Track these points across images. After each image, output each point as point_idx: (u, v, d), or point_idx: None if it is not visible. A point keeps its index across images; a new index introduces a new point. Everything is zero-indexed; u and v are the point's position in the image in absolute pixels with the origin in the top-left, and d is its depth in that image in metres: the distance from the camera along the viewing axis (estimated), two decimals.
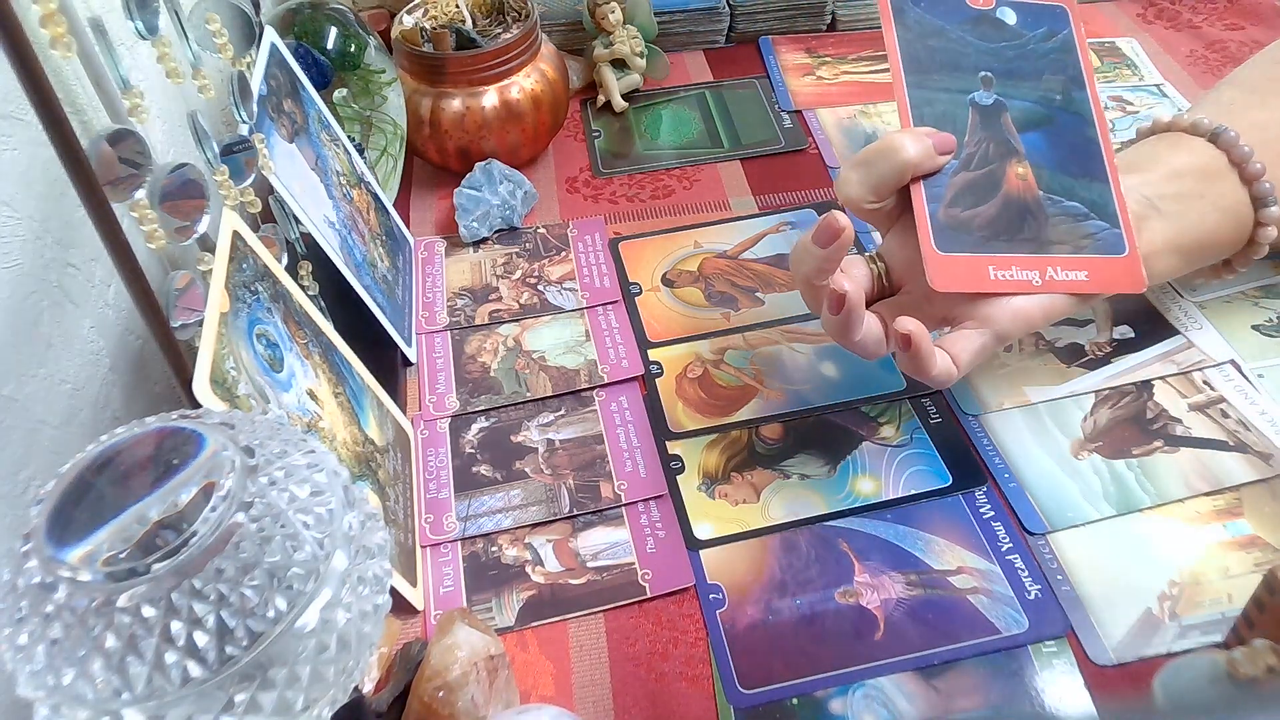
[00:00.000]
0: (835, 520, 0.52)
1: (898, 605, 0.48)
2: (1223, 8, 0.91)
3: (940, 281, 0.46)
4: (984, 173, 0.48)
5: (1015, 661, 0.45)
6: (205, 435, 0.28)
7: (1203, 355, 0.58)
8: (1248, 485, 0.51)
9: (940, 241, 0.47)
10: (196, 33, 0.47)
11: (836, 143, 0.78)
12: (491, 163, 0.71)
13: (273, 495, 0.27)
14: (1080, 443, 0.54)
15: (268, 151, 0.51)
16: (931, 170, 0.48)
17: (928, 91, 0.49)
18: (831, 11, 0.91)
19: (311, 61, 0.65)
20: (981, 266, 0.47)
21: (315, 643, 0.27)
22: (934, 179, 0.48)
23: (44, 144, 0.34)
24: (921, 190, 0.48)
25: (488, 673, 0.42)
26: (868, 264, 0.50)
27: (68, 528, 0.26)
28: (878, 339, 0.47)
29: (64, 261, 0.46)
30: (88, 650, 0.24)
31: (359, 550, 0.29)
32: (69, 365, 0.45)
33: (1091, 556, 0.49)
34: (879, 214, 0.49)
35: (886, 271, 0.50)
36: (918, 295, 0.48)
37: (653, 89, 0.86)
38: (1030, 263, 0.48)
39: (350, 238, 0.59)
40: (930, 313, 0.47)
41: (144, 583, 0.25)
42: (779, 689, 0.45)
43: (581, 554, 0.51)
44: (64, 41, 0.37)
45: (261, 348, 0.44)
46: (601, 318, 0.64)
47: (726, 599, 0.49)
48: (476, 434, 0.58)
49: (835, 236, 0.44)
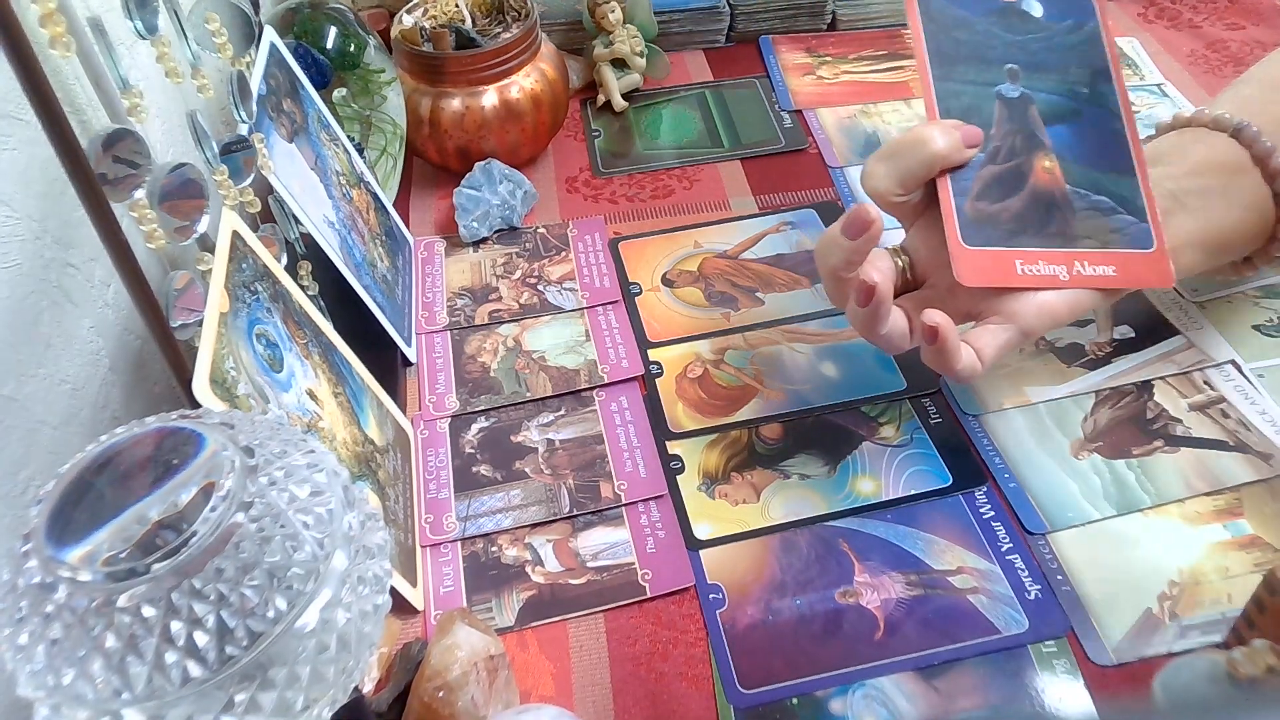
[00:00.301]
0: (835, 520, 0.52)
1: (898, 605, 0.48)
2: (1224, 7, 0.91)
3: (967, 276, 0.46)
4: (1011, 166, 0.48)
5: (1015, 661, 0.45)
6: (205, 435, 0.28)
7: (1203, 355, 0.58)
8: (1248, 485, 0.51)
9: (967, 235, 0.46)
10: (196, 32, 0.47)
11: (837, 142, 0.78)
12: (491, 162, 0.71)
13: (273, 495, 0.27)
14: (1080, 443, 0.54)
15: (267, 151, 0.51)
16: (959, 163, 0.47)
17: (954, 84, 0.49)
18: (832, 11, 0.91)
19: (311, 61, 0.65)
20: (1008, 261, 0.46)
21: (315, 643, 0.26)
22: (960, 172, 0.47)
23: (43, 143, 0.34)
24: (948, 183, 0.47)
25: (488, 673, 0.42)
26: (892, 257, 0.49)
27: (67, 528, 0.26)
28: (902, 332, 0.46)
29: (63, 261, 0.46)
30: (88, 650, 0.24)
31: (359, 550, 0.29)
32: (68, 365, 0.45)
33: (1092, 556, 0.49)
34: (904, 207, 0.48)
35: (911, 265, 0.49)
36: (942, 289, 0.48)
37: (653, 88, 0.86)
38: (1057, 257, 0.47)
39: (350, 238, 0.59)
40: (955, 307, 0.47)
41: (144, 583, 0.24)
42: (779, 689, 0.45)
43: (581, 554, 0.51)
44: (63, 41, 0.37)
45: (261, 348, 0.44)
46: (601, 318, 0.64)
47: (726, 599, 0.49)
48: (476, 434, 0.58)
49: (866, 228, 0.44)
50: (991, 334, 0.46)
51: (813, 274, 0.66)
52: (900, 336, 0.47)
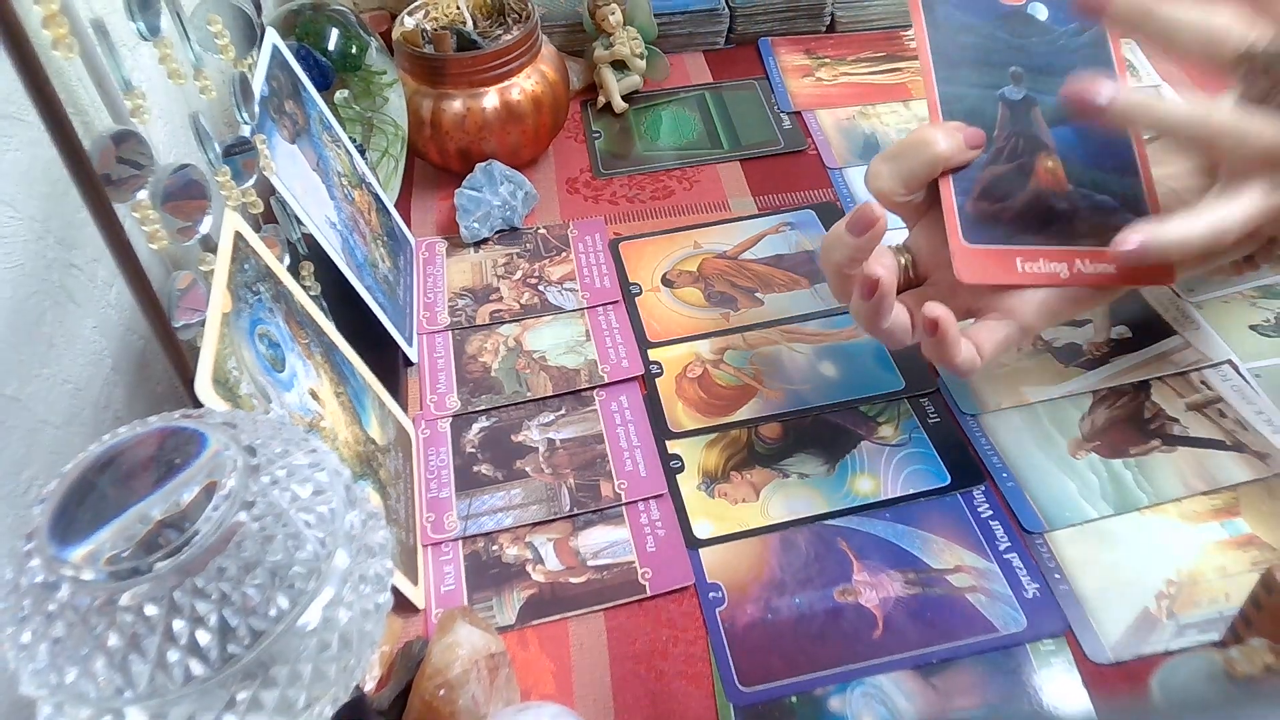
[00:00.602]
0: (834, 519, 0.52)
1: (896, 604, 0.48)
2: None
3: (967, 274, 0.46)
4: (1013, 166, 0.48)
5: (1013, 660, 0.46)
6: (207, 435, 0.28)
7: (1200, 355, 0.58)
8: (1245, 484, 0.51)
9: (968, 234, 0.47)
10: (198, 34, 0.47)
11: (836, 144, 0.78)
12: (492, 163, 0.71)
13: (275, 494, 0.27)
14: (1078, 442, 0.54)
15: (269, 152, 0.51)
16: (961, 164, 0.47)
17: (958, 87, 0.49)
18: (831, 13, 0.91)
19: (313, 63, 0.65)
20: (1009, 259, 0.47)
21: (317, 641, 0.27)
22: (963, 173, 0.48)
23: (46, 145, 0.35)
24: (950, 183, 0.47)
25: (488, 671, 0.43)
26: (895, 255, 0.50)
27: (70, 527, 0.26)
28: (905, 327, 0.47)
29: (66, 262, 0.46)
30: (90, 649, 0.24)
31: (360, 549, 0.29)
32: (71, 365, 0.45)
33: (1089, 555, 0.49)
34: (908, 206, 0.49)
35: (913, 263, 0.50)
36: (944, 287, 0.48)
37: (653, 90, 0.86)
38: (1058, 255, 0.47)
39: (352, 238, 0.59)
40: (957, 304, 0.47)
41: (146, 581, 0.25)
42: (778, 687, 0.45)
43: (582, 553, 0.51)
44: (66, 43, 0.37)
45: (263, 347, 0.44)
46: (602, 318, 0.64)
47: (726, 598, 0.49)
48: (477, 433, 0.58)
49: (870, 226, 0.45)
50: (991, 329, 0.47)
51: (812, 274, 0.66)
52: (902, 331, 0.47)
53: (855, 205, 0.71)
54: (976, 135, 0.48)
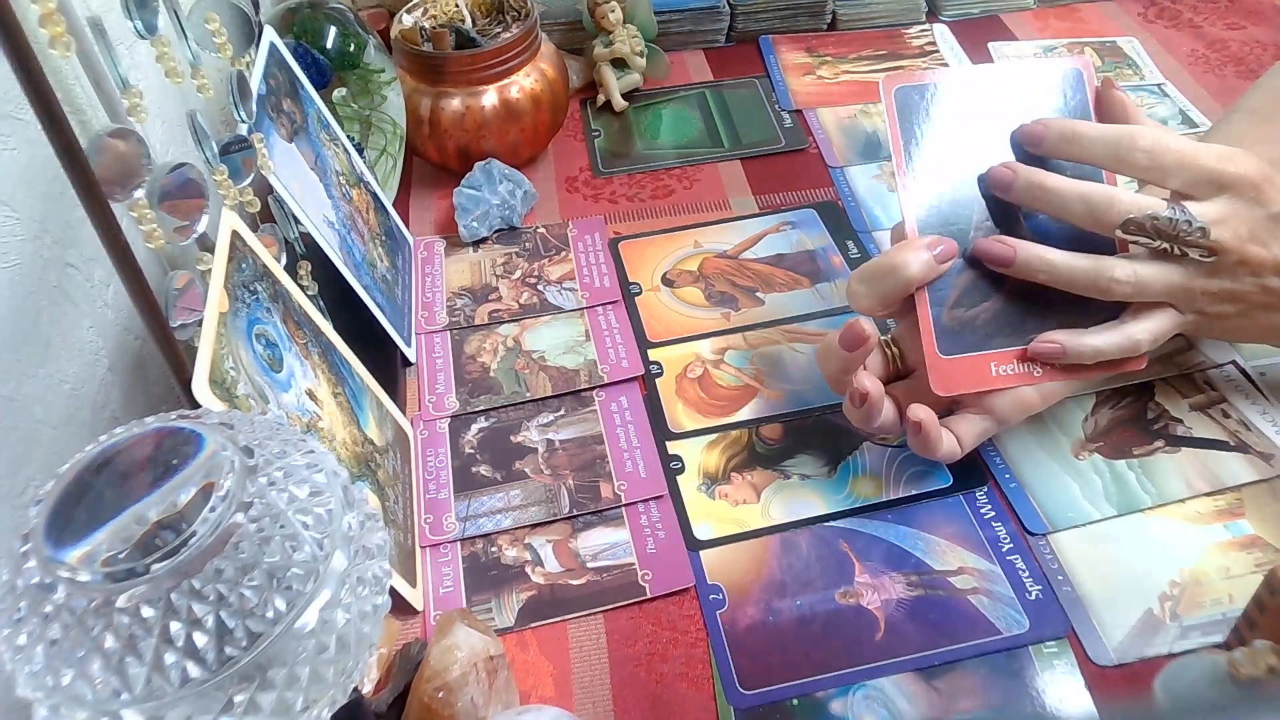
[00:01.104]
0: (835, 520, 0.52)
1: (898, 606, 0.48)
2: (1224, 7, 0.91)
3: (943, 387, 0.48)
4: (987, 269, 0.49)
5: (1016, 662, 0.45)
6: (204, 435, 0.28)
7: (1204, 356, 0.57)
8: (1249, 485, 0.51)
9: (943, 345, 0.48)
10: (195, 32, 0.47)
11: (837, 142, 0.78)
12: (491, 162, 0.71)
13: (272, 496, 0.27)
14: (1081, 443, 0.54)
15: (267, 151, 0.51)
16: (935, 278, 0.48)
17: (932, 185, 0.49)
18: (832, 11, 0.91)
19: (311, 61, 0.65)
20: (984, 365, 0.49)
21: (314, 643, 0.26)
22: (938, 281, 0.49)
23: (43, 143, 0.34)
24: (926, 297, 0.49)
25: (487, 673, 0.42)
26: (883, 349, 0.52)
27: (67, 528, 0.25)
28: (893, 422, 0.51)
29: (63, 261, 0.46)
30: (87, 651, 0.24)
31: (358, 551, 0.28)
32: (68, 365, 0.45)
33: (1092, 557, 0.49)
34: (891, 311, 0.51)
35: (900, 355, 0.52)
36: (927, 379, 0.49)
37: (653, 88, 0.85)
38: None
39: (350, 237, 0.59)
40: (938, 396, 0.49)
41: (143, 583, 0.24)
42: (779, 689, 0.45)
43: (581, 554, 0.51)
44: (63, 41, 0.37)
45: (261, 348, 0.44)
46: (601, 318, 0.64)
47: (727, 599, 0.49)
48: (476, 434, 0.57)
49: (860, 343, 0.48)
50: (970, 423, 0.51)
51: (813, 274, 0.66)
52: (891, 425, 0.51)
53: (856, 203, 0.71)
54: (949, 249, 0.49)
